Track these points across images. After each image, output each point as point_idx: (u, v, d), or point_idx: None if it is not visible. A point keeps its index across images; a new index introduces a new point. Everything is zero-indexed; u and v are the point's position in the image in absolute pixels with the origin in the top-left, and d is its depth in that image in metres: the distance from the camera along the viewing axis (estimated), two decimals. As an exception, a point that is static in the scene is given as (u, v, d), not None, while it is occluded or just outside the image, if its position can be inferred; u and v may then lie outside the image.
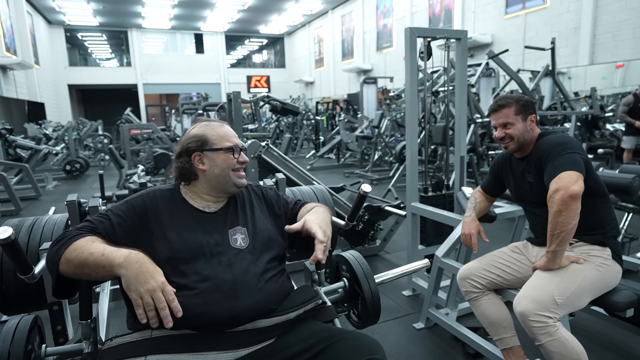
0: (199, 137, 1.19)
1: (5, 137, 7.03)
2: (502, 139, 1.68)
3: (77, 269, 0.97)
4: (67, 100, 20.83)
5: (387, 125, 8.14)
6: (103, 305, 1.68)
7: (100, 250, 0.96)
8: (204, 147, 1.19)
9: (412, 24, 13.98)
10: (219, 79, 23.20)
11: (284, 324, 1.11)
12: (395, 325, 2.28)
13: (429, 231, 2.73)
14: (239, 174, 1.22)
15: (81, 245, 0.98)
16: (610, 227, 1.59)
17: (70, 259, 0.97)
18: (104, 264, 0.95)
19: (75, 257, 0.96)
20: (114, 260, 0.94)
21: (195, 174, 1.20)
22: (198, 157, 1.19)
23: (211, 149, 1.19)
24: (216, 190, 1.21)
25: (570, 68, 9.69)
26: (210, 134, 1.20)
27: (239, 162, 1.22)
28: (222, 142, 1.20)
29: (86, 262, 0.95)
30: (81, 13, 18.39)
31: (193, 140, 1.20)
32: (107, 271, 0.95)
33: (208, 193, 1.21)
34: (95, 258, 0.95)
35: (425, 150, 3.24)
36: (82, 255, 0.96)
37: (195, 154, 1.19)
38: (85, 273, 0.97)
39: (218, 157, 1.19)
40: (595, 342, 2.01)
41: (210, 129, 1.21)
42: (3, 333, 1.09)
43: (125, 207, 1.14)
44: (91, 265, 0.95)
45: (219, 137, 1.20)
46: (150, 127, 8.20)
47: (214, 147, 1.19)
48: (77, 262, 0.96)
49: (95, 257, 0.95)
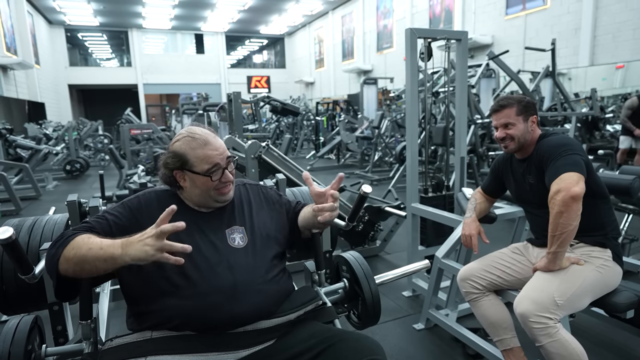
0: (179, 156, 1.13)
1: (5, 137, 7.03)
2: (503, 139, 1.68)
3: (76, 267, 0.96)
4: (68, 100, 20.83)
5: (387, 126, 8.14)
6: (103, 306, 1.68)
7: (98, 244, 0.95)
8: (184, 166, 1.13)
9: (412, 25, 13.93)
10: (219, 79, 23.20)
11: (284, 325, 1.11)
12: (396, 326, 2.28)
13: (429, 232, 2.73)
14: (222, 190, 1.16)
15: (78, 243, 0.97)
16: (611, 228, 1.59)
17: (69, 257, 0.96)
18: (105, 257, 0.93)
19: (74, 254, 0.96)
20: (114, 253, 0.92)
21: (179, 185, 1.17)
22: (179, 174, 1.15)
23: (190, 170, 1.13)
24: (201, 204, 1.18)
25: (570, 69, 9.69)
26: (191, 154, 1.13)
27: (221, 182, 1.15)
28: (202, 165, 1.12)
29: (85, 258, 0.95)
30: (82, 13, 18.38)
31: (173, 158, 1.14)
32: (110, 264, 0.94)
33: (196, 203, 1.19)
34: (94, 253, 0.94)
35: (425, 151, 3.24)
36: (81, 251, 0.95)
37: (176, 171, 1.15)
38: (86, 270, 0.97)
39: (197, 180, 1.13)
40: (595, 343, 2.01)
41: (190, 149, 1.13)
42: (3, 333, 1.09)
43: (121, 207, 1.14)
44: (90, 261, 0.95)
45: (198, 159, 1.12)
46: (151, 127, 8.20)
47: (193, 169, 1.13)
48: (76, 260, 0.96)
49: (94, 252, 0.94)
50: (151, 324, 1.05)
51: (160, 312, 1.04)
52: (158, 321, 1.04)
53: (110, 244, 0.94)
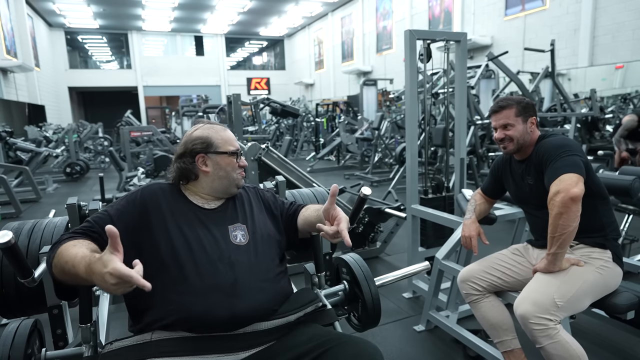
0: (204, 139, 1.20)
1: (5, 139, 7.04)
2: (502, 140, 1.68)
3: (61, 276, 0.97)
4: (68, 102, 20.85)
5: (387, 127, 8.15)
6: (103, 309, 1.67)
7: (72, 259, 0.92)
8: (209, 149, 1.20)
9: (411, 26, 14.00)
10: (219, 81, 23.23)
11: (284, 327, 1.11)
12: (396, 328, 2.28)
13: (429, 233, 2.73)
14: (241, 174, 1.26)
15: (62, 252, 0.96)
16: (611, 229, 1.59)
17: (55, 264, 0.97)
18: (77, 274, 0.90)
19: (58, 262, 0.96)
20: (82, 275, 0.89)
21: (196, 175, 1.20)
22: (202, 159, 1.20)
23: (216, 152, 1.21)
24: (218, 191, 1.22)
25: (569, 69, 9.70)
26: (215, 137, 1.22)
27: (239, 166, 1.24)
28: (226, 146, 1.22)
29: (64, 270, 0.94)
30: (81, 16, 18.42)
31: (198, 141, 1.20)
32: (82, 282, 0.92)
33: (208, 193, 1.22)
34: (69, 268, 0.92)
35: (425, 152, 3.24)
36: (60, 262, 0.95)
37: (199, 155, 1.20)
38: (68, 280, 0.96)
39: (222, 160, 1.21)
40: (596, 345, 2.01)
41: (214, 132, 1.23)
42: (3, 337, 1.09)
43: (125, 202, 1.15)
44: (67, 273, 0.93)
45: (223, 140, 1.22)
46: (151, 130, 8.19)
47: (218, 150, 1.21)
48: (59, 269, 0.96)
49: (69, 267, 0.92)
50: (151, 320, 1.04)
51: (160, 308, 1.04)
52: (158, 318, 1.03)
53: (79, 261, 0.90)
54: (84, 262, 0.88)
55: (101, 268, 0.81)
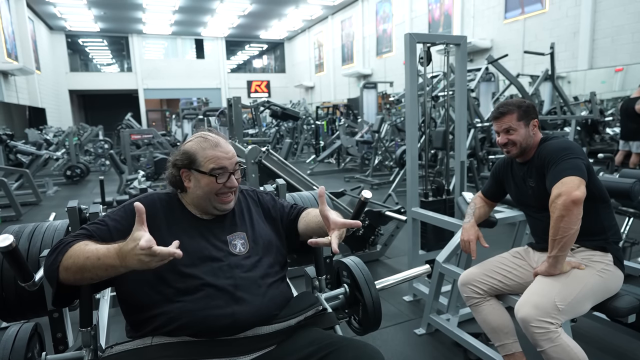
0: (188, 155, 1.16)
1: (6, 142, 7.04)
2: (505, 145, 1.68)
3: (77, 275, 0.95)
4: (68, 105, 20.87)
5: (387, 130, 8.15)
6: (103, 313, 1.67)
7: (95, 253, 0.93)
8: (192, 165, 1.15)
9: (411, 29, 14.04)
10: (219, 84, 23.26)
11: (284, 331, 1.11)
12: (396, 331, 2.27)
13: (430, 236, 2.72)
14: (224, 198, 1.16)
15: (76, 251, 0.96)
16: (612, 232, 1.59)
17: (67, 266, 0.95)
18: (104, 266, 0.91)
19: (73, 263, 0.95)
20: (112, 264, 0.90)
21: (184, 187, 1.18)
22: (185, 173, 1.17)
23: (197, 170, 1.15)
24: (201, 208, 1.18)
25: (569, 72, 9.71)
26: (200, 154, 1.15)
27: (226, 187, 1.16)
28: (208, 165, 1.14)
29: (84, 267, 0.94)
30: (82, 19, 18.47)
31: (182, 156, 1.16)
32: (111, 272, 0.92)
33: (197, 207, 1.19)
34: (92, 262, 0.92)
35: (425, 155, 3.25)
36: (79, 260, 0.94)
37: (182, 170, 1.16)
38: (87, 277, 0.95)
39: (202, 180, 1.14)
40: (597, 348, 2.00)
41: (201, 149, 1.16)
42: (3, 341, 1.08)
43: (122, 212, 1.13)
44: (90, 269, 0.93)
45: (206, 159, 1.14)
46: (151, 132, 8.20)
47: (199, 168, 1.14)
48: (75, 269, 0.95)
49: (92, 261, 0.93)
50: (152, 328, 1.04)
51: (161, 316, 1.03)
52: (159, 325, 1.03)
53: (105, 253, 0.92)
54: (113, 250, 0.91)
55: (133, 245, 0.86)
